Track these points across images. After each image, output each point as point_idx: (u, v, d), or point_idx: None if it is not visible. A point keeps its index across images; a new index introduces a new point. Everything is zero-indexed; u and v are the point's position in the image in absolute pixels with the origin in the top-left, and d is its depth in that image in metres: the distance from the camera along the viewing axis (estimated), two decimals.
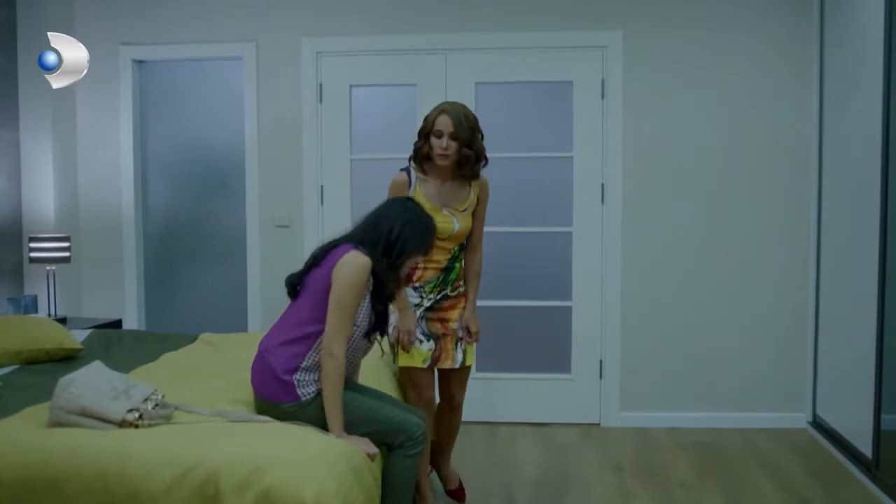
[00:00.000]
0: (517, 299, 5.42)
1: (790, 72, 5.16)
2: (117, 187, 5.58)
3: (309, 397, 2.99)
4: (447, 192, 3.71)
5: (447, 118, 3.59)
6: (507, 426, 5.36)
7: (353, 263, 2.99)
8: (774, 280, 5.23)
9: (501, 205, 5.36)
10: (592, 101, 5.25)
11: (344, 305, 2.95)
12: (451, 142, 3.59)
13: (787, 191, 5.20)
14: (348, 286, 2.96)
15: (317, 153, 5.39)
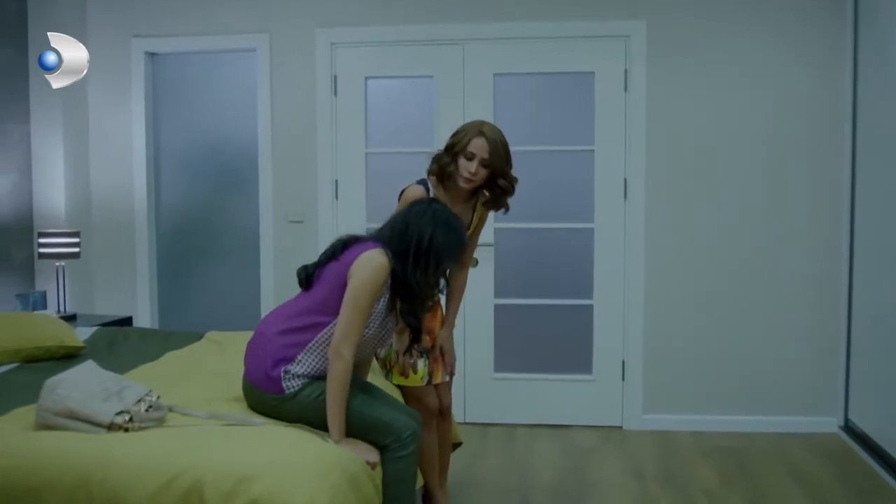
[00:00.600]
0: (537, 297, 5.26)
1: (822, 64, 4.94)
2: (129, 182, 5.49)
3: (292, 391, 2.85)
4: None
5: (484, 142, 3.28)
6: (525, 428, 5.20)
7: (371, 262, 2.83)
8: (805, 278, 5.03)
9: (520, 200, 5.14)
10: (615, 93, 5.07)
11: (359, 306, 2.80)
12: (481, 168, 3.29)
13: (819, 186, 4.99)
14: (365, 286, 2.81)
15: (331, 147, 5.27)
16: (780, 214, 5.01)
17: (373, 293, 2.82)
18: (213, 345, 4.02)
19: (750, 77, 4.98)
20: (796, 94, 4.97)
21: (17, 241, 5.14)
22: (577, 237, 5.20)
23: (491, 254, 5.21)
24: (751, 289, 5.05)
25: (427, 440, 3.42)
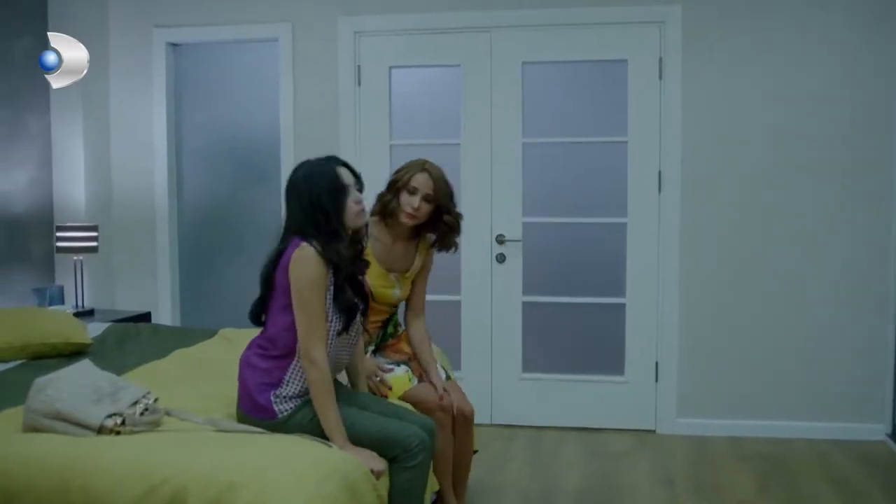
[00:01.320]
0: (566, 295, 5.06)
1: (872, 48, 4.67)
2: (150, 175, 5.38)
3: (285, 415, 2.71)
4: (396, 254, 3.42)
5: (427, 178, 3.28)
6: (553, 431, 5.00)
7: (300, 258, 2.66)
8: (850, 276, 4.76)
9: (550, 194, 5.04)
10: (649, 81, 4.84)
11: (308, 303, 2.64)
12: (424, 203, 3.28)
13: (865, 179, 4.71)
14: (303, 282, 2.65)
15: (355, 139, 5.11)
16: (824, 210, 4.75)
17: (315, 285, 2.65)
18: (225, 342, 3.89)
19: (791, 65, 4.72)
20: (840, 85, 4.70)
21: (37, 235, 5.06)
22: (609, 232, 4.99)
23: (519, 249, 5.02)
24: (792, 287, 4.80)
25: (439, 441, 3.26)
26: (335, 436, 2.62)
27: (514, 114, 4.97)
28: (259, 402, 2.72)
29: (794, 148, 4.75)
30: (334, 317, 2.74)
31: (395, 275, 3.42)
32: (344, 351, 2.86)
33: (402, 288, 3.46)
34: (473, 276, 5.09)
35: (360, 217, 2.81)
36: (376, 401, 3.01)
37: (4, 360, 3.63)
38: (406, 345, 3.53)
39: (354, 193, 2.79)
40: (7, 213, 4.85)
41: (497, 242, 5.03)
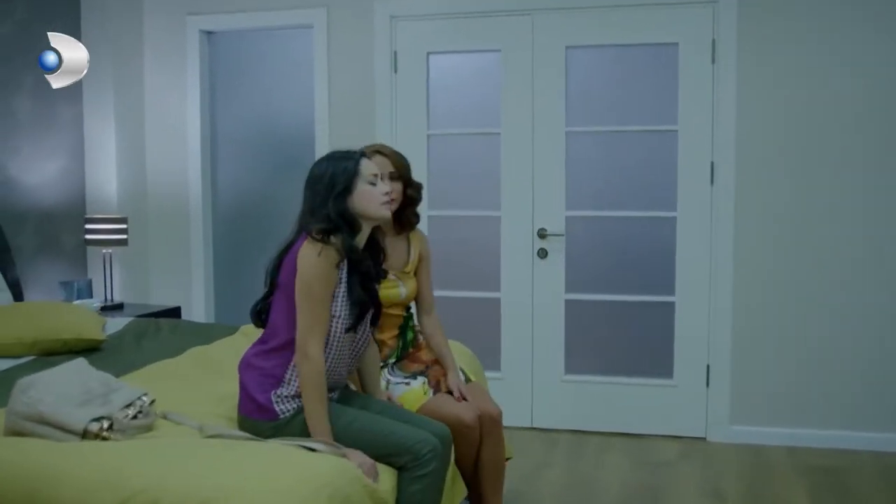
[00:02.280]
0: (612, 293, 4.78)
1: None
2: (184, 166, 5.25)
3: (288, 415, 2.54)
4: (389, 251, 3.13)
5: (382, 158, 3.10)
6: (597, 436, 4.73)
7: (310, 250, 2.50)
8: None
9: (594, 186, 4.77)
10: (701, 65, 4.53)
11: (312, 297, 2.48)
12: (394, 184, 3.09)
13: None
14: (309, 275, 2.49)
15: (391, 128, 4.90)
16: (888, 205, 4.38)
17: (322, 279, 2.49)
18: (244, 339, 3.70)
19: (858, 45, 4.36)
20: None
21: (68, 228, 4.96)
22: (657, 227, 4.70)
23: (562, 244, 4.76)
24: (854, 286, 4.44)
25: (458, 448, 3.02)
26: (321, 437, 2.45)
27: (557, 101, 4.71)
28: (259, 402, 2.55)
29: (860, 138, 4.39)
30: (344, 311, 2.55)
31: (394, 273, 3.20)
32: (348, 352, 2.66)
33: (406, 285, 3.23)
34: (514, 273, 4.84)
35: (385, 208, 2.64)
36: (392, 409, 2.80)
37: (15, 355, 3.50)
38: (426, 352, 3.30)
39: (381, 184, 2.63)
40: (38, 205, 4.76)
41: (539, 237, 4.78)
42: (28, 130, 4.69)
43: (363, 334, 2.69)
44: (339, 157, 2.62)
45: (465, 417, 3.04)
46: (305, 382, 2.48)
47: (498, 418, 3.18)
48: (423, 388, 3.14)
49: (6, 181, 4.56)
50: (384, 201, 2.62)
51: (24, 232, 4.67)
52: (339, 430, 2.52)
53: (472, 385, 3.28)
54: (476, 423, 3.08)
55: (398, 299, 3.20)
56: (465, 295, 4.93)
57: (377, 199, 2.60)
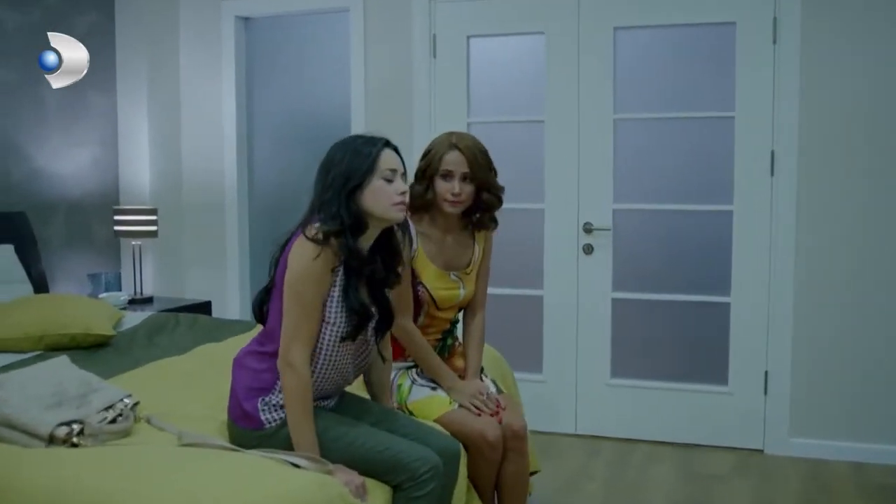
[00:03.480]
0: (662, 292, 4.46)
1: None
2: (220, 156, 5.11)
3: (274, 425, 2.31)
4: (451, 249, 2.96)
5: (459, 155, 2.82)
6: (644, 445, 4.42)
7: (302, 246, 2.27)
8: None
9: (644, 177, 4.46)
10: (761, 47, 4.18)
11: (299, 298, 2.25)
12: (464, 185, 2.83)
13: None
14: (297, 275, 2.26)
15: (429, 116, 4.67)
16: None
17: (311, 279, 2.25)
18: None
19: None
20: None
21: (100, 219, 4.86)
22: (712, 221, 4.36)
23: (608, 239, 4.46)
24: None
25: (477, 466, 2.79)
26: (306, 451, 2.23)
27: (605, 87, 4.41)
28: (245, 409, 2.34)
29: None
30: (339, 318, 2.32)
31: (455, 273, 2.96)
32: (348, 362, 2.42)
33: (467, 285, 3.00)
34: (557, 269, 4.56)
35: (397, 210, 2.36)
36: (395, 417, 2.56)
37: (22, 350, 3.38)
38: (459, 359, 3.06)
39: (399, 182, 2.36)
40: (68, 196, 4.66)
41: (584, 231, 4.49)
42: (57, 120, 4.58)
43: (365, 343, 2.44)
44: (360, 146, 2.34)
45: (489, 434, 2.78)
46: (287, 393, 2.26)
47: (522, 433, 2.90)
48: (449, 396, 2.90)
49: (33, 171, 4.46)
50: (396, 202, 2.34)
51: (53, 223, 4.57)
52: (328, 443, 2.29)
53: (503, 396, 3.01)
54: (499, 441, 2.81)
55: (456, 301, 2.97)
56: (505, 292, 4.67)
57: (389, 198, 2.33)
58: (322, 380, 2.37)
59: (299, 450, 2.24)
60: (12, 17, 4.30)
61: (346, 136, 2.44)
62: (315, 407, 2.36)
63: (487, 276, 3.09)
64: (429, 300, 2.91)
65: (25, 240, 4.23)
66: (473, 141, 2.88)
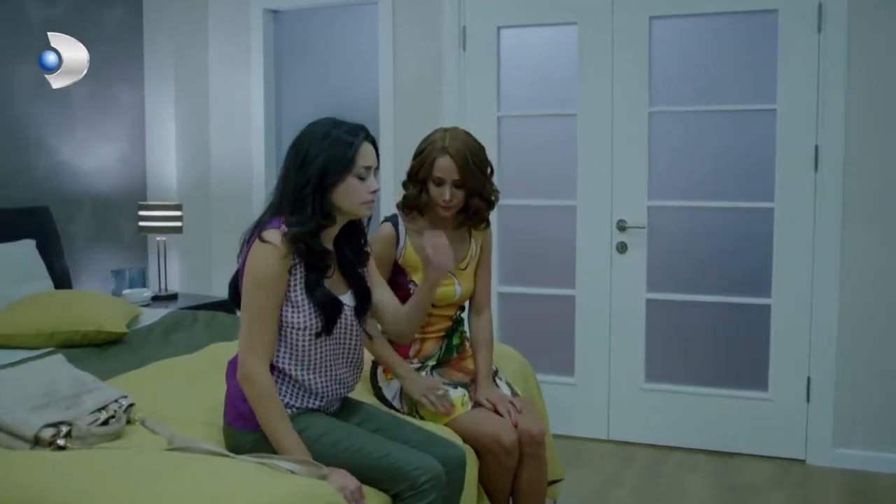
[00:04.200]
0: (699, 293, 4.27)
1: None
2: (248, 150, 5.03)
3: None
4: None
5: (449, 161, 2.70)
6: (679, 452, 4.24)
7: (254, 249, 2.18)
8: None
9: (681, 173, 4.28)
10: (805, 35, 3.97)
11: (249, 306, 2.17)
12: (455, 191, 2.73)
13: None
14: (248, 282, 2.17)
15: (459, 110, 4.53)
16: None
17: (262, 284, 2.15)
18: None
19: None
20: None
21: (126, 215, 4.81)
22: (752, 219, 4.16)
23: (643, 238, 4.28)
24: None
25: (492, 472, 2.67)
26: (296, 455, 2.12)
27: (640, 78, 4.23)
28: (241, 409, 2.24)
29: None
30: (308, 320, 2.21)
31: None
32: (339, 362, 2.31)
33: (462, 282, 2.87)
34: (590, 268, 4.39)
35: (365, 208, 2.27)
36: (399, 424, 2.43)
37: (33, 347, 3.33)
38: (471, 361, 2.93)
39: (372, 180, 2.25)
40: (93, 191, 4.62)
41: (618, 229, 4.32)
42: (83, 114, 4.54)
43: (349, 333, 2.33)
44: (338, 138, 2.21)
45: (503, 438, 2.65)
46: (252, 405, 2.17)
47: (539, 438, 2.75)
48: (461, 399, 2.76)
49: (58, 165, 4.42)
50: (366, 200, 2.25)
51: (78, 218, 4.53)
52: (323, 449, 2.18)
53: (519, 399, 2.87)
54: (515, 446, 2.68)
55: (452, 299, 2.85)
56: (536, 291, 4.53)
57: (360, 196, 2.23)
58: (317, 388, 2.27)
59: (288, 454, 2.13)
60: (38, 10, 4.27)
61: (323, 119, 2.30)
62: (313, 411, 2.27)
63: (489, 273, 2.99)
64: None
65: (48, 235, 4.19)
66: (465, 142, 2.75)
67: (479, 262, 2.94)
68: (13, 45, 4.15)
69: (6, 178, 4.15)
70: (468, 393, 2.80)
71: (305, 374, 2.25)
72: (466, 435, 2.65)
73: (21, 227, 4.05)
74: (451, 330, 2.92)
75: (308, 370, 2.25)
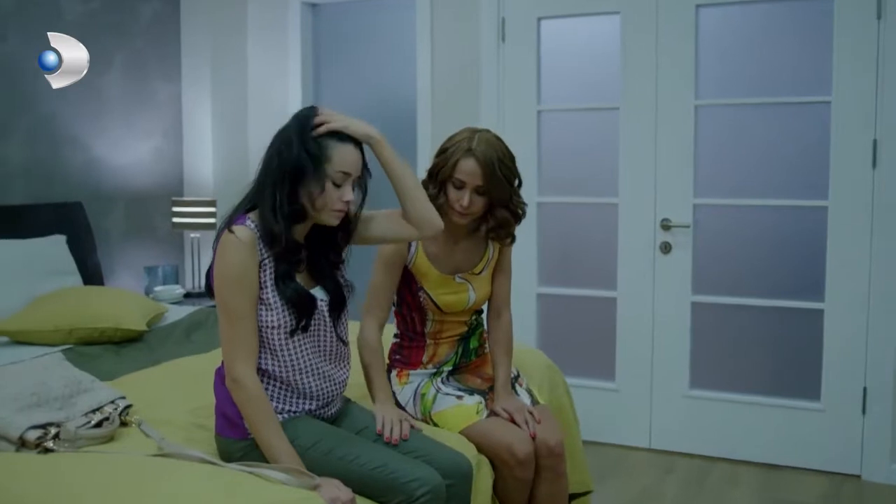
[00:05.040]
0: (747, 296, 4.04)
1: None
2: None
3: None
4: (459, 254, 2.67)
5: (474, 164, 2.48)
6: (724, 464, 4.02)
7: (222, 245, 2.07)
8: None
9: (728, 169, 4.07)
10: (863, 22, 3.71)
11: (224, 307, 2.06)
12: (475, 196, 2.52)
13: None
14: (218, 283, 2.06)
15: (497, 103, 4.38)
16: None
17: (233, 279, 2.04)
18: None
19: None
20: None
21: (161, 211, 4.76)
22: (804, 218, 3.93)
23: (688, 237, 4.07)
24: None
25: (507, 484, 2.52)
26: (287, 463, 2.01)
27: (686, 70, 4.02)
28: (229, 416, 2.13)
29: None
30: (281, 318, 2.09)
31: (461, 275, 2.68)
32: (320, 359, 2.19)
33: (477, 287, 2.71)
34: (632, 269, 4.20)
35: (333, 217, 2.13)
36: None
37: (52, 344, 3.27)
38: (490, 366, 2.78)
39: (346, 189, 2.10)
40: (128, 187, 4.59)
41: (662, 228, 4.12)
42: (118, 110, 4.51)
43: (327, 328, 2.20)
44: (318, 136, 2.10)
45: (518, 449, 2.48)
46: (241, 410, 2.06)
47: (557, 450, 2.57)
48: (476, 406, 2.61)
49: (92, 161, 4.39)
50: (337, 209, 2.11)
51: (113, 214, 4.50)
52: (316, 458, 2.06)
53: (538, 409, 2.71)
54: (530, 458, 2.52)
55: (465, 306, 2.69)
56: (575, 293, 4.35)
57: (330, 203, 2.10)
58: (308, 388, 2.16)
59: (277, 463, 2.01)
60: (74, 5, 4.24)
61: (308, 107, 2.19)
62: (310, 415, 2.17)
63: (509, 274, 2.79)
64: (432, 307, 2.64)
65: (81, 230, 4.16)
66: (495, 147, 2.53)
67: (498, 264, 2.77)
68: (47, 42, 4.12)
69: (40, 174, 4.13)
70: (485, 400, 2.65)
71: (292, 374, 2.14)
72: (479, 444, 2.50)
73: (54, 223, 4.02)
74: (468, 334, 2.78)
75: (294, 371, 2.14)
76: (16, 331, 3.27)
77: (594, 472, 3.29)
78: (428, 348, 2.71)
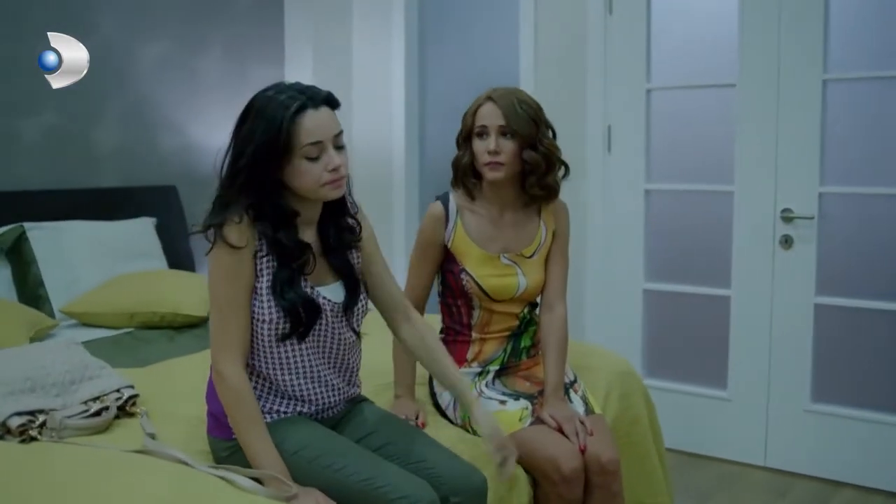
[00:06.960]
0: (880, 299, 3.52)
1: None
2: (388, 130, 4.79)
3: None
4: (506, 228, 2.44)
5: (492, 106, 2.37)
6: (849, 489, 3.53)
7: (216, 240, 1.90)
8: None
9: (860, 154, 3.57)
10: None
11: (214, 299, 1.90)
12: (502, 140, 2.35)
13: None
14: (210, 276, 1.91)
15: (603, 82, 4.04)
16: None
17: (221, 275, 1.87)
18: None
19: None
20: None
21: None
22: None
23: (812, 231, 3.60)
24: None
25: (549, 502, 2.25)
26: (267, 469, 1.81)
27: (813, 41, 3.53)
28: (216, 416, 1.97)
29: None
30: (271, 315, 1.89)
31: (507, 257, 2.41)
32: (320, 362, 1.97)
33: (528, 273, 2.45)
34: (748, 265, 3.76)
35: (329, 189, 1.91)
36: (412, 440, 2.03)
37: (115, 327, 3.28)
38: (540, 370, 2.50)
39: (330, 156, 1.88)
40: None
41: (782, 220, 3.66)
42: (215, 93, 4.47)
43: (333, 335, 1.99)
44: (273, 112, 1.86)
45: (564, 464, 2.20)
46: (225, 407, 1.88)
47: (610, 467, 2.27)
48: (520, 413, 2.34)
49: (188, 145, 4.37)
50: (326, 181, 1.88)
51: (206, 198, 4.44)
52: (300, 465, 1.86)
53: (592, 419, 2.39)
54: (577, 475, 2.23)
55: (514, 293, 2.44)
56: (684, 290, 3.96)
57: (315, 179, 1.87)
58: (294, 391, 1.96)
59: (259, 468, 1.82)
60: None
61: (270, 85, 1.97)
62: (305, 416, 1.98)
63: (565, 261, 2.52)
64: (477, 291, 2.39)
65: (174, 214, 4.15)
66: (514, 93, 2.42)
67: (553, 248, 2.49)
68: (142, 25, 4.13)
69: (133, 156, 4.15)
70: (532, 405, 2.37)
71: (280, 375, 1.95)
72: (520, 456, 2.22)
73: (147, 206, 4.04)
74: (519, 330, 2.50)
75: (283, 371, 1.95)
76: (81, 312, 3.28)
77: (695, 490, 2.94)
78: (473, 344, 2.47)
